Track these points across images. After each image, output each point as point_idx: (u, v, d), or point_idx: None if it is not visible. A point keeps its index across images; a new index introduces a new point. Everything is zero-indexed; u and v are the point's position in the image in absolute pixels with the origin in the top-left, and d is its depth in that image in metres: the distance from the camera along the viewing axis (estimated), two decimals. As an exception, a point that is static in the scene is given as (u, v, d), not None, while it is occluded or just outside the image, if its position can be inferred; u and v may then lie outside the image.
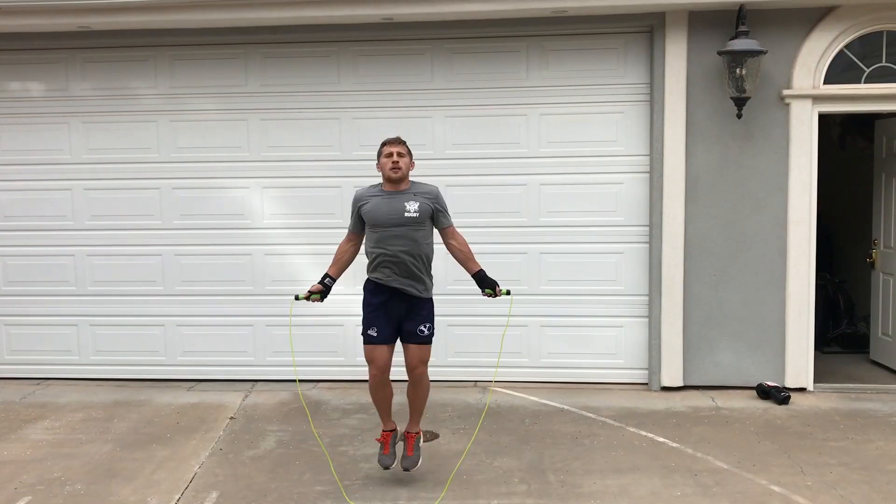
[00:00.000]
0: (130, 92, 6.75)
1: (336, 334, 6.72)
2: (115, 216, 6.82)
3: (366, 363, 4.60)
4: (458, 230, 4.63)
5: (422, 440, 4.76)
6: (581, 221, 6.59)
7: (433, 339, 4.60)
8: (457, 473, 4.74)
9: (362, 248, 4.65)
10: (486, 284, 4.55)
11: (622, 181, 6.52)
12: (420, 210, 4.43)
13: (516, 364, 6.68)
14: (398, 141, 4.55)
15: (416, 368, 4.55)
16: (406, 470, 4.59)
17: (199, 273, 6.82)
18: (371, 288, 4.55)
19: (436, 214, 4.53)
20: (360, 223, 4.57)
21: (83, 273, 6.88)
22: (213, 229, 6.78)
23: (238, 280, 6.80)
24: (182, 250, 6.81)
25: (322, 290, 4.55)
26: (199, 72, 6.69)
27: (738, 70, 5.99)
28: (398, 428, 4.76)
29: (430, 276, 4.59)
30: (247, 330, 6.82)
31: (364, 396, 6.04)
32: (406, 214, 4.41)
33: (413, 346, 4.54)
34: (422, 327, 4.53)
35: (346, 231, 4.69)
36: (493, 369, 6.64)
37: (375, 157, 4.57)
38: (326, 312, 6.63)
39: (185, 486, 4.60)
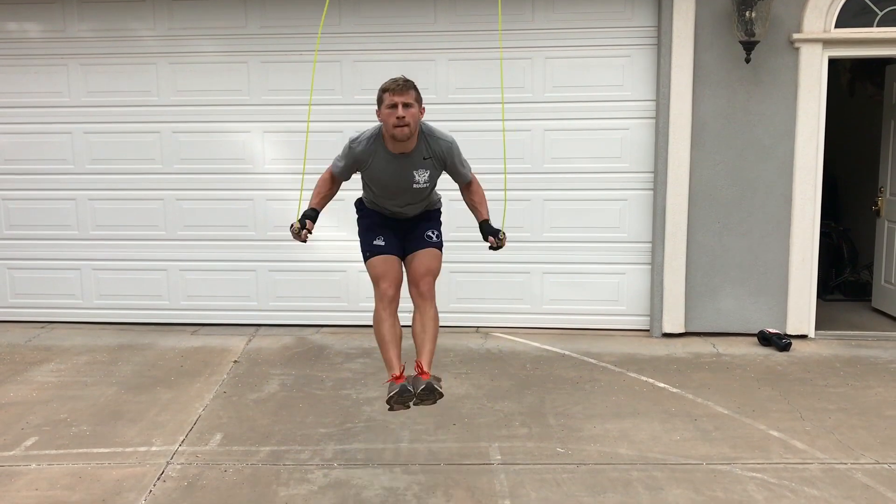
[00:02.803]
0: (129, 34, 6.64)
1: (338, 280, 6.73)
2: (116, 160, 6.78)
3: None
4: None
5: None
6: (585, 168, 6.53)
7: (442, 249, 4.02)
8: (458, 416, 4.78)
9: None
10: (488, 232, 3.97)
11: (628, 127, 6.45)
12: (430, 178, 3.80)
13: (518, 310, 6.70)
14: (404, 86, 3.61)
15: (424, 278, 3.77)
16: (430, 393, 3.62)
17: (201, 218, 6.80)
18: (365, 208, 4.00)
19: (451, 173, 3.91)
20: (351, 173, 3.92)
21: (85, 217, 6.86)
22: (215, 174, 6.74)
23: (240, 225, 6.78)
24: (183, 195, 6.78)
25: (311, 228, 3.89)
26: (198, 13, 6.57)
27: (747, 13, 5.87)
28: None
29: (438, 198, 4.06)
30: (249, 275, 6.83)
31: (367, 341, 6.07)
32: (415, 186, 3.77)
33: (419, 253, 3.83)
34: (429, 232, 3.93)
35: (331, 170, 3.97)
36: (495, 315, 6.68)
37: (377, 102, 3.73)
38: (328, 258, 6.67)
39: (190, 427, 4.65)
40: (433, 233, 3.96)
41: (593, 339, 6.42)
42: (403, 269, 3.96)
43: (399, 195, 3.86)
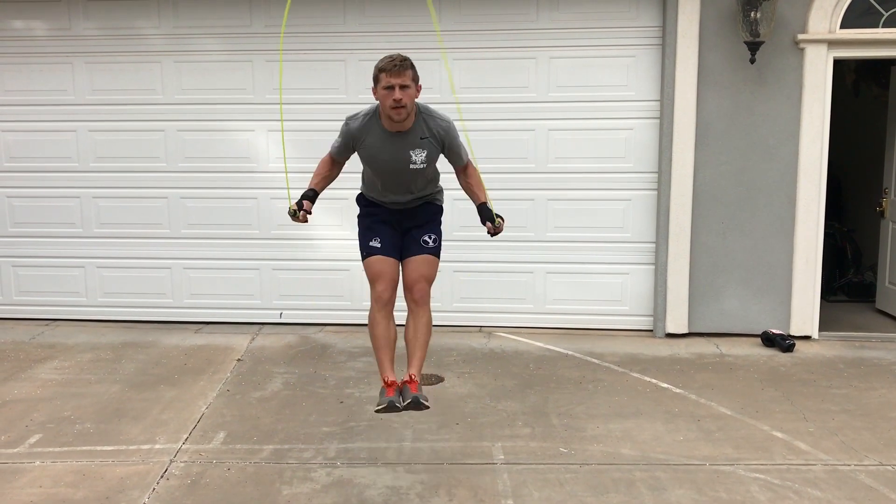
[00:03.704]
0: (134, 32, 6.65)
1: (342, 279, 6.74)
2: (120, 158, 6.79)
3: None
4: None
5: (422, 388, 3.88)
6: (589, 168, 6.53)
7: (440, 253, 3.91)
8: (461, 416, 4.79)
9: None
10: (485, 217, 3.81)
11: (632, 127, 6.45)
12: (427, 159, 3.72)
13: (521, 310, 6.70)
14: (400, 66, 3.55)
15: (417, 283, 3.74)
16: (417, 406, 3.62)
17: (205, 216, 6.81)
18: (365, 203, 3.92)
19: (448, 154, 3.81)
20: (349, 152, 3.84)
21: (89, 215, 6.88)
22: (219, 172, 6.75)
23: (244, 224, 6.79)
24: (187, 193, 6.79)
25: (308, 209, 3.78)
26: (203, 11, 6.58)
27: (752, 13, 5.86)
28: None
29: (439, 189, 3.96)
30: (253, 273, 6.84)
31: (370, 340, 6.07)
32: (411, 166, 3.70)
33: (415, 259, 3.76)
34: (426, 237, 3.81)
35: (329, 151, 3.92)
36: (498, 315, 6.68)
37: (373, 80, 3.70)
38: (331, 257, 6.68)
39: (193, 425, 4.65)
40: (430, 237, 3.84)
41: (596, 339, 6.42)
42: (400, 269, 3.93)
43: (395, 177, 3.76)
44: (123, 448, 4.34)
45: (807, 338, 6.37)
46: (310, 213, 3.79)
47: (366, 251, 3.84)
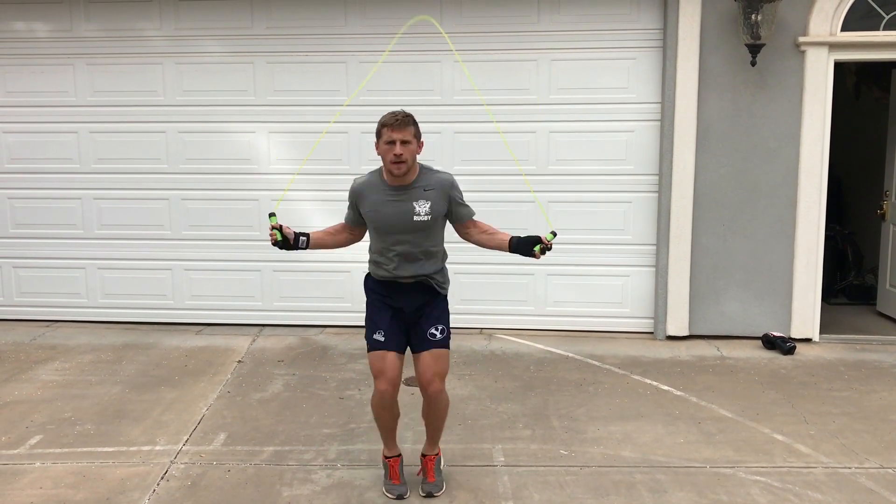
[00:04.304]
0: (135, 34, 6.66)
1: (342, 280, 6.74)
2: (122, 159, 6.79)
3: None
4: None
5: (442, 462, 4.00)
6: (590, 170, 6.53)
7: (450, 343, 3.85)
8: (462, 418, 4.79)
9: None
10: (530, 246, 3.70)
11: (633, 129, 6.45)
12: (432, 211, 3.67)
13: (522, 312, 6.70)
14: (402, 122, 3.55)
15: (432, 384, 3.72)
16: (431, 495, 3.82)
17: (207, 217, 6.81)
18: (372, 285, 3.86)
19: (453, 210, 3.76)
20: (359, 217, 3.80)
21: (90, 216, 6.88)
22: (220, 174, 6.75)
23: (245, 225, 6.79)
24: (189, 194, 6.79)
25: (289, 239, 3.68)
26: (205, 13, 6.59)
27: (753, 16, 5.86)
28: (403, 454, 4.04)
29: (445, 272, 3.92)
30: (254, 275, 6.84)
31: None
32: (416, 219, 3.65)
33: (425, 355, 3.73)
34: (433, 329, 3.75)
35: (343, 221, 3.90)
36: (498, 317, 6.68)
37: (375, 135, 3.65)
38: (333, 258, 6.67)
39: (194, 427, 4.65)
40: (437, 328, 3.77)
41: (597, 342, 6.42)
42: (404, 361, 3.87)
43: (401, 237, 3.70)
44: (124, 449, 4.34)
45: (807, 340, 6.37)
46: (282, 233, 3.65)
47: (370, 344, 3.79)
